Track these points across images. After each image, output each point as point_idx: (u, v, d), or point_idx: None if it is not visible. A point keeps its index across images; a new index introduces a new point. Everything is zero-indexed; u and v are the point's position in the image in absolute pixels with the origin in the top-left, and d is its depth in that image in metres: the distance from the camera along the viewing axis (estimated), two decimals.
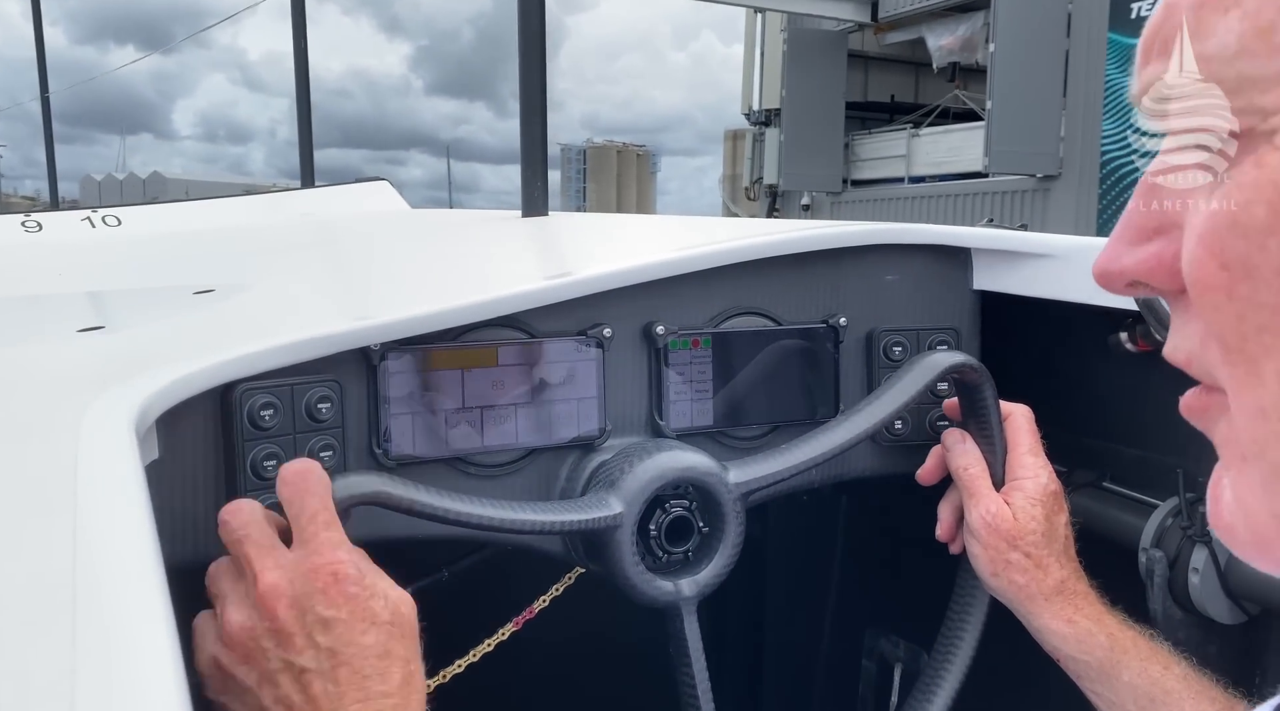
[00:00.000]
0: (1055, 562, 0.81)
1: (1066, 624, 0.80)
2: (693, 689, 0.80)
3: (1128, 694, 0.76)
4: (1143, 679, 0.75)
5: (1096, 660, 0.78)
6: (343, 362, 0.73)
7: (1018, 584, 0.82)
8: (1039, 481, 0.84)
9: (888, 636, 1.29)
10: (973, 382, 0.85)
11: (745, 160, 14.35)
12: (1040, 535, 0.82)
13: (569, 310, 0.82)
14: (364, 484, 0.66)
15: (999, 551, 0.82)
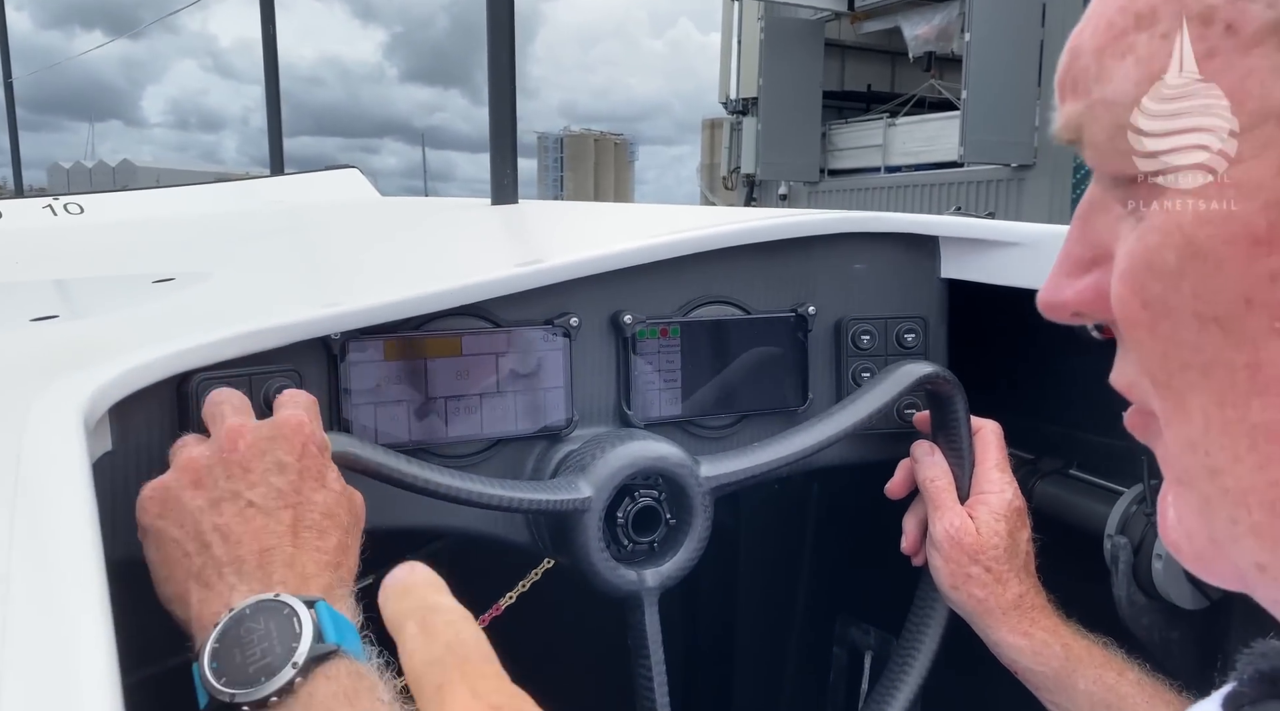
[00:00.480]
0: (1015, 577, 0.83)
1: (1023, 637, 0.81)
2: (649, 681, 0.79)
3: (1084, 701, 0.77)
4: (1098, 686, 0.77)
5: (1053, 670, 0.79)
6: (302, 352, 0.72)
7: (977, 597, 0.83)
8: (1004, 497, 0.85)
9: (858, 624, 1.30)
10: (945, 394, 0.86)
11: (723, 149, 14.35)
12: (1002, 550, 0.83)
13: (535, 299, 0.81)
14: (333, 442, 0.66)
15: (960, 564, 0.83)
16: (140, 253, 1.25)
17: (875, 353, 0.94)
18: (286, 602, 0.52)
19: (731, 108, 13.64)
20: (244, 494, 0.57)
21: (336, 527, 0.59)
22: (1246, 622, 0.87)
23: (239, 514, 0.57)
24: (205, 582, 0.56)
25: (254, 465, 0.58)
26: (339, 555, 0.59)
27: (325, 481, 0.60)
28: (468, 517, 0.80)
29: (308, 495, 0.59)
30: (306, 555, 0.57)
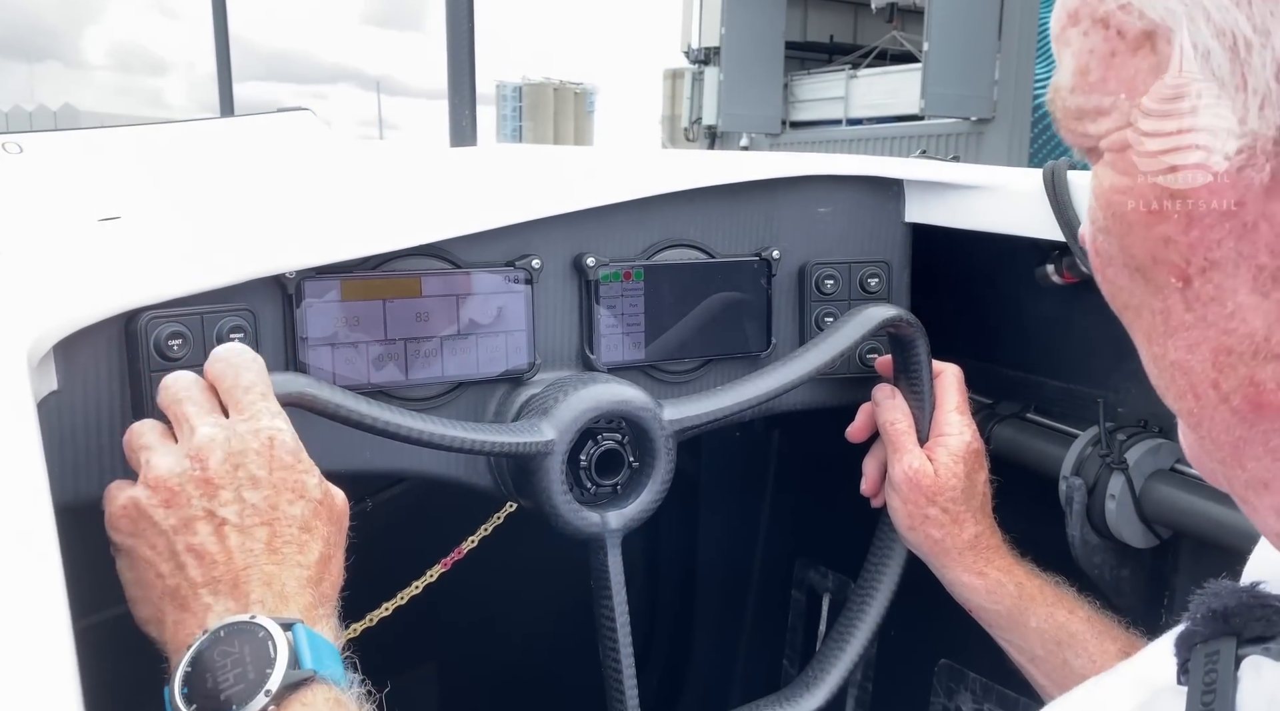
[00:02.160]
0: (971, 518, 0.84)
1: (977, 576, 0.83)
2: (611, 622, 0.80)
3: (1035, 638, 0.80)
4: (1049, 623, 0.79)
5: (1005, 608, 0.82)
6: (256, 291, 0.70)
7: (933, 538, 0.85)
8: (963, 438, 0.86)
9: (817, 567, 1.32)
10: (907, 337, 0.86)
11: (684, 100, 14.20)
12: (959, 491, 0.84)
13: (496, 239, 0.80)
14: (288, 383, 0.64)
15: (918, 506, 0.85)
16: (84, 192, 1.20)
17: (839, 297, 0.94)
18: (261, 625, 0.50)
19: (693, 57, 13.47)
20: (218, 512, 0.55)
21: (316, 539, 0.57)
22: (1193, 561, 0.90)
23: (213, 533, 0.55)
24: (180, 603, 0.54)
25: (227, 481, 0.56)
26: (321, 568, 0.57)
27: (303, 491, 0.58)
28: (428, 461, 0.79)
29: (284, 509, 0.57)
30: (286, 572, 0.55)
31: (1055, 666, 0.78)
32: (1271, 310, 0.25)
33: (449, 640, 1.25)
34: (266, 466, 0.57)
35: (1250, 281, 0.25)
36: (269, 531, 0.55)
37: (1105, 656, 0.76)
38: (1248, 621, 0.32)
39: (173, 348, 0.65)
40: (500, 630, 1.31)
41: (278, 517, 0.56)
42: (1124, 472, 0.85)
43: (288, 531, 0.56)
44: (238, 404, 0.59)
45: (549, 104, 27.01)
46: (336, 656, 0.53)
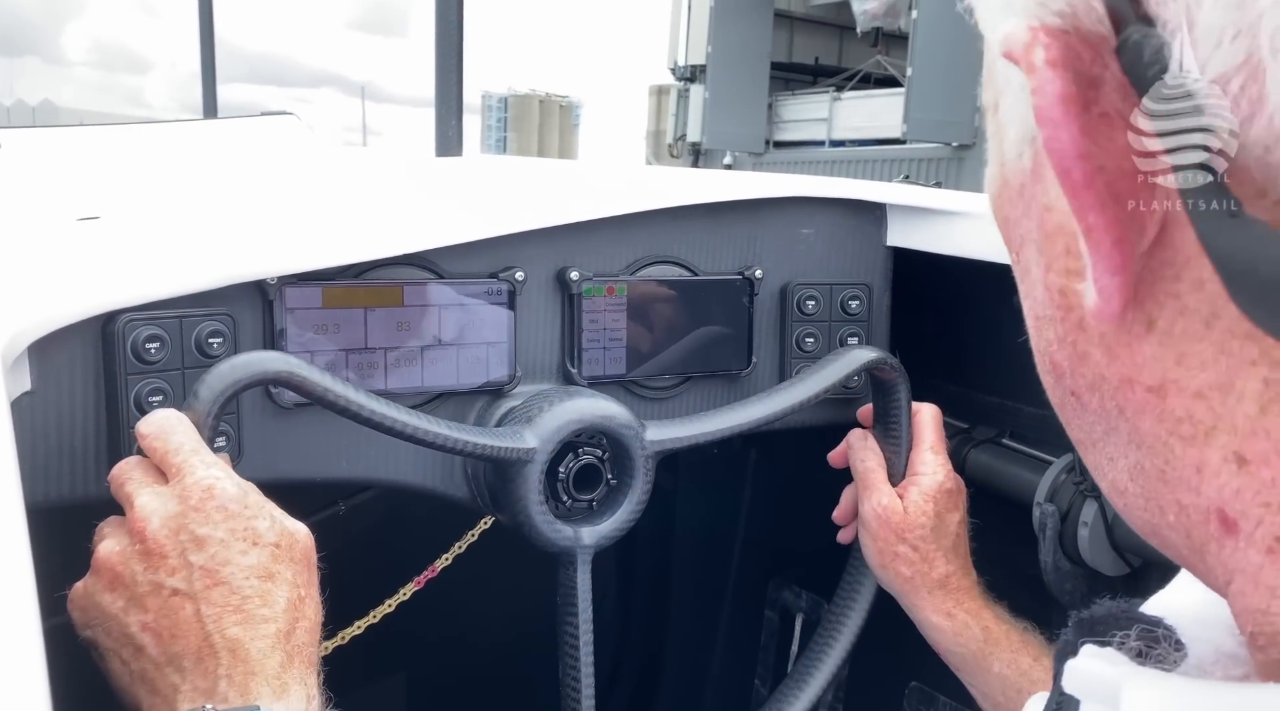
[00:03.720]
0: (942, 558, 0.84)
1: (945, 617, 0.83)
2: (574, 639, 0.79)
3: (997, 684, 0.80)
4: (1011, 670, 0.79)
5: (971, 652, 0.82)
6: (237, 296, 0.70)
7: (903, 575, 0.85)
8: (935, 478, 0.86)
9: (791, 587, 1.32)
10: (889, 380, 0.87)
11: (669, 116, 14.27)
12: (929, 530, 0.84)
13: (480, 251, 0.80)
14: (274, 361, 0.62)
15: (888, 542, 0.85)
16: (63, 190, 1.19)
17: (820, 318, 0.95)
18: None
19: (680, 74, 13.55)
20: (165, 583, 0.52)
21: (281, 585, 0.54)
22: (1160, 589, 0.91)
23: (164, 606, 0.52)
24: (150, 687, 0.52)
25: (169, 548, 0.53)
26: (292, 616, 0.54)
27: (256, 537, 0.54)
28: (405, 470, 0.79)
29: (237, 562, 0.53)
30: (251, 631, 0.52)
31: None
32: (1042, 276, 0.28)
33: (419, 653, 1.24)
34: (209, 522, 0.54)
35: (1034, 254, 0.28)
36: (224, 591, 0.52)
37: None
38: (1110, 628, 0.33)
39: (150, 351, 0.64)
40: (471, 644, 1.30)
41: (232, 573, 0.53)
42: (1097, 500, 0.86)
43: (246, 584, 0.53)
44: (171, 467, 0.56)
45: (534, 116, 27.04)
46: None
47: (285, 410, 0.73)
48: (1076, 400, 0.29)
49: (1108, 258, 0.24)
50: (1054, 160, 0.24)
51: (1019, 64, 0.24)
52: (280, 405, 0.73)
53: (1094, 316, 0.26)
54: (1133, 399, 0.27)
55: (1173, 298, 0.25)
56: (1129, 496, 0.29)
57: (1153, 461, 0.27)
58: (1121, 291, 0.25)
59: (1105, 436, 0.29)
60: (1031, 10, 0.24)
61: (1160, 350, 0.25)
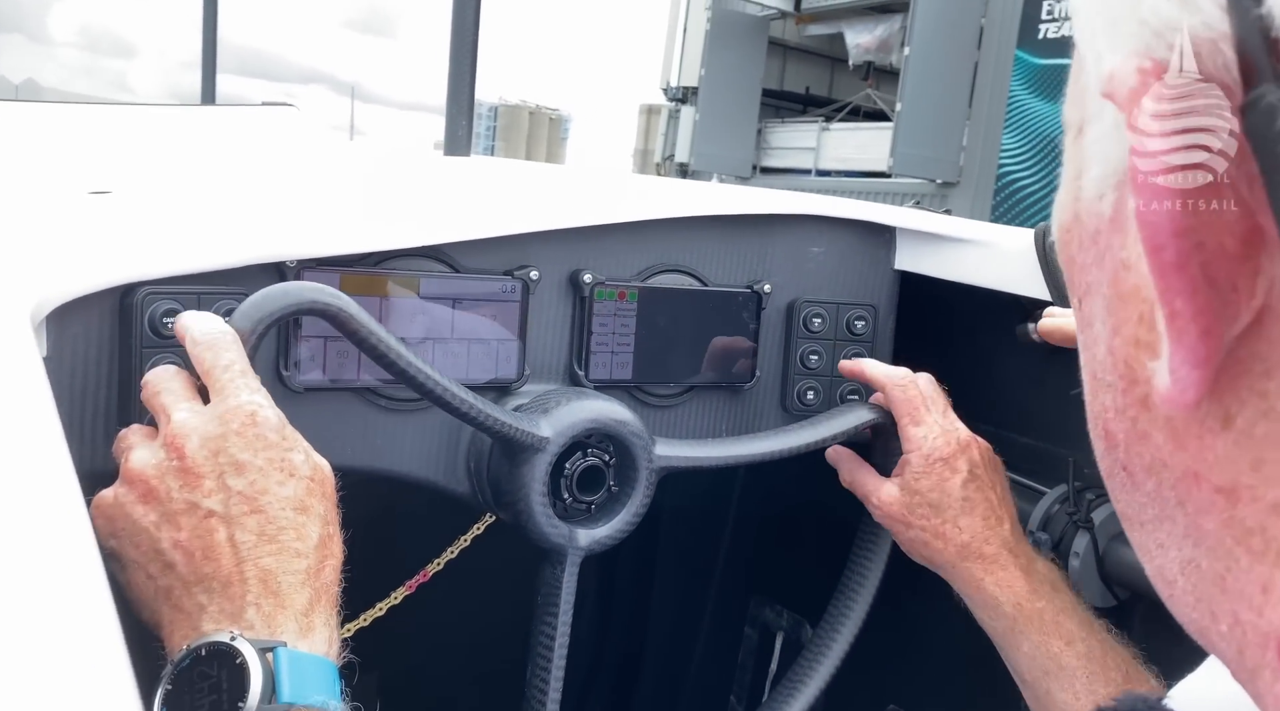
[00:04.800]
0: (953, 528, 0.82)
1: (975, 591, 0.82)
2: (549, 640, 0.79)
3: (1025, 663, 0.79)
4: (1041, 652, 0.77)
5: (1001, 627, 0.80)
6: (255, 276, 0.69)
7: (926, 556, 0.85)
8: (921, 452, 0.84)
9: (772, 605, 1.32)
10: (891, 432, 0.88)
11: (659, 136, 14.34)
12: (929, 506, 0.83)
13: (496, 248, 0.80)
14: (319, 292, 0.61)
15: (901, 532, 0.86)
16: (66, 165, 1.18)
17: (825, 336, 0.96)
18: (240, 650, 0.47)
19: (671, 95, 13.64)
20: (201, 504, 0.51)
21: (314, 520, 0.54)
22: (1145, 623, 0.92)
23: (199, 526, 0.51)
24: (174, 603, 0.51)
25: (207, 469, 0.52)
26: (321, 553, 0.54)
27: (293, 469, 0.54)
28: (408, 461, 0.78)
29: (275, 492, 0.53)
30: (284, 563, 0.52)
31: (1040, 694, 0.77)
32: (1107, 338, 0.25)
33: (394, 652, 1.23)
34: (250, 448, 0.53)
35: (1102, 310, 0.25)
36: (260, 519, 0.52)
37: (1091, 698, 0.74)
38: None
39: (168, 325, 0.64)
40: (448, 645, 1.29)
41: (269, 502, 0.52)
42: (1089, 531, 0.87)
43: (282, 515, 0.53)
44: (216, 383, 0.56)
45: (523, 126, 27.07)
46: (327, 672, 0.50)
47: (295, 394, 0.73)
48: (1128, 477, 0.27)
49: (1191, 349, 0.21)
50: (1145, 233, 0.21)
51: (1121, 110, 0.21)
52: (290, 388, 0.73)
53: (1162, 402, 0.23)
54: (1196, 495, 0.24)
55: (1258, 396, 0.22)
56: (1177, 589, 0.26)
57: (1211, 564, 0.24)
58: (1201, 386, 0.22)
59: (1157, 522, 0.26)
60: (1143, 43, 0.21)
61: (1236, 450, 0.22)
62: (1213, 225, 0.21)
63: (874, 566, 0.92)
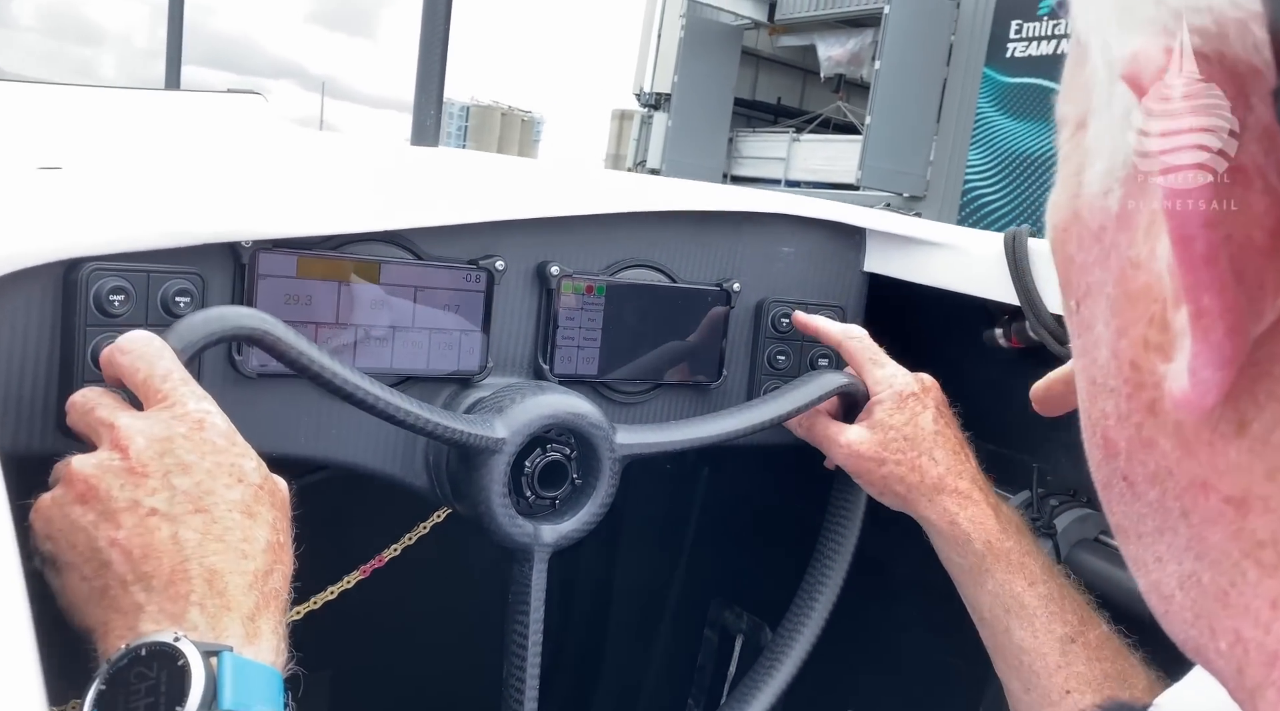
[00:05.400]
0: (929, 460, 0.83)
1: (949, 525, 0.81)
2: (523, 638, 0.77)
3: (988, 601, 0.79)
4: (1004, 591, 0.78)
5: (969, 565, 0.81)
6: (208, 256, 0.67)
7: (900, 493, 0.84)
8: (892, 388, 0.85)
9: (732, 607, 1.31)
10: (858, 404, 0.88)
11: (630, 141, 14.36)
12: (905, 439, 0.83)
13: (462, 236, 0.78)
14: (250, 317, 0.59)
15: (873, 471, 0.84)
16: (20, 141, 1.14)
17: (792, 336, 0.95)
18: (183, 651, 0.45)
19: (644, 100, 13.67)
20: (144, 501, 0.49)
21: (261, 525, 0.52)
22: None
23: (139, 524, 0.49)
24: (110, 603, 0.48)
25: (153, 468, 0.50)
26: (271, 558, 0.52)
27: (241, 474, 0.53)
28: (366, 452, 0.76)
29: (221, 494, 0.51)
30: (231, 564, 0.49)
31: (998, 632, 0.78)
32: (1111, 340, 0.24)
33: (348, 648, 1.20)
34: (197, 450, 0.51)
35: (1106, 311, 0.24)
36: (205, 518, 0.50)
37: (1050, 637, 0.75)
38: None
39: (114, 303, 0.61)
40: (403, 643, 1.27)
41: (215, 503, 0.51)
42: (1052, 538, 0.87)
43: (228, 517, 0.51)
44: (157, 393, 0.54)
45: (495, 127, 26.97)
46: (272, 682, 0.47)
47: (248, 379, 0.70)
48: (1128, 486, 0.26)
49: (1217, 347, 0.20)
50: (1173, 225, 0.20)
51: (1144, 94, 0.20)
52: (242, 373, 0.70)
53: (1176, 405, 0.22)
54: (1204, 506, 0.23)
55: (1276, 401, 0.21)
56: (1174, 605, 0.25)
57: (1215, 579, 0.23)
58: (1222, 388, 0.21)
59: (1157, 534, 0.25)
60: (1163, 25, 0.20)
61: (1249, 458, 0.21)
62: (1241, 217, 0.19)
63: (836, 569, 0.91)
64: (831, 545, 0.92)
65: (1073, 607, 0.78)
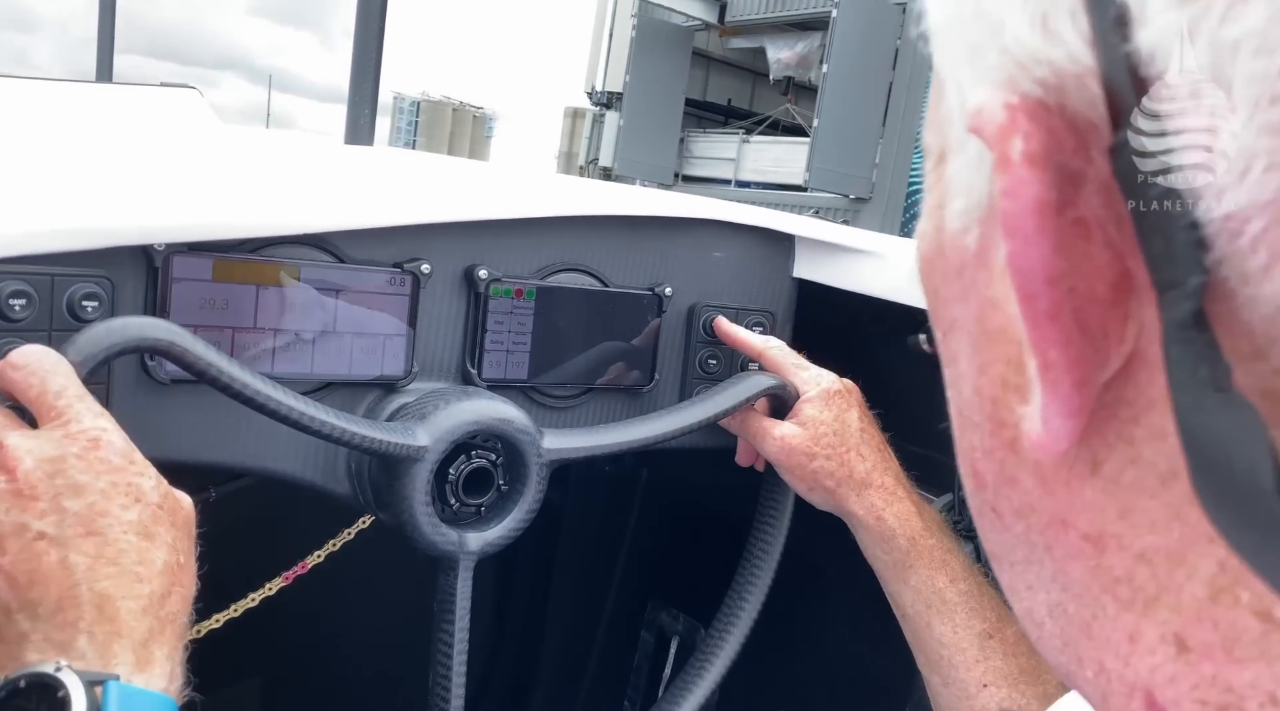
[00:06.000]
0: (855, 456, 0.85)
1: (875, 521, 0.83)
2: (449, 647, 0.77)
3: (910, 597, 0.81)
4: (927, 586, 0.80)
5: (894, 561, 0.82)
6: (118, 259, 0.65)
7: (829, 488, 0.85)
8: (820, 386, 0.87)
9: (669, 609, 1.31)
10: (786, 406, 0.88)
11: (583, 139, 14.33)
12: (834, 433, 0.85)
13: (386, 239, 0.77)
14: (154, 328, 0.58)
15: (803, 466, 0.85)
16: None
17: (722, 341, 0.95)
18: (64, 682, 0.43)
19: (596, 99, 13.65)
20: (32, 525, 0.47)
21: (159, 547, 0.50)
22: None
23: (25, 548, 0.47)
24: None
25: (41, 491, 0.48)
26: (168, 581, 0.50)
27: (139, 494, 0.51)
28: (285, 459, 0.75)
29: (116, 515, 0.49)
30: (124, 589, 0.48)
31: (920, 627, 0.80)
32: (974, 376, 0.24)
33: (278, 656, 1.18)
34: (91, 470, 0.49)
35: (968, 347, 0.24)
36: (97, 542, 0.48)
37: (969, 633, 0.77)
38: None
39: (15, 308, 0.59)
40: (335, 651, 1.25)
41: (109, 525, 0.49)
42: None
43: (123, 539, 0.49)
44: (51, 410, 0.52)
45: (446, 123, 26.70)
46: (161, 709, 0.46)
47: (161, 385, 0.69)
48: (997, 518, 0.26)
49: (1065, 399, 0.20)
50: (1017, 280, 0.20)
51: (989, 148, 0.20)
52: (156, 380, 0.69)
53: (1032, 448, 0.22)
54: (1064, 542, 0.23)
55: (1125, 443, 0.21)
56: (1045, 632, 0.25)
57: (1079, 610, 0.23)
58: (1073, 435, 0.21)
59: (1026, 563, 0.25)
60: (1007, 75, 0.20)
61: (1103, 498, 0.22)
62: (1084, 270, 0.20)
63: (765, 569, 0.92)
64: (760, 546, 0.93)
65: (991, 605, 0.80)
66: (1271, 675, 0.20)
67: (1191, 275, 0.18)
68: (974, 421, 0.25)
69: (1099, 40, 0.18)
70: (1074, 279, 0.19)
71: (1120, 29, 0.18)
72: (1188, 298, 0.18)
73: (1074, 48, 0.19)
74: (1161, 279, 0.18)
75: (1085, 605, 0.23)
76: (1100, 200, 0.19)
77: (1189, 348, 0.18)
